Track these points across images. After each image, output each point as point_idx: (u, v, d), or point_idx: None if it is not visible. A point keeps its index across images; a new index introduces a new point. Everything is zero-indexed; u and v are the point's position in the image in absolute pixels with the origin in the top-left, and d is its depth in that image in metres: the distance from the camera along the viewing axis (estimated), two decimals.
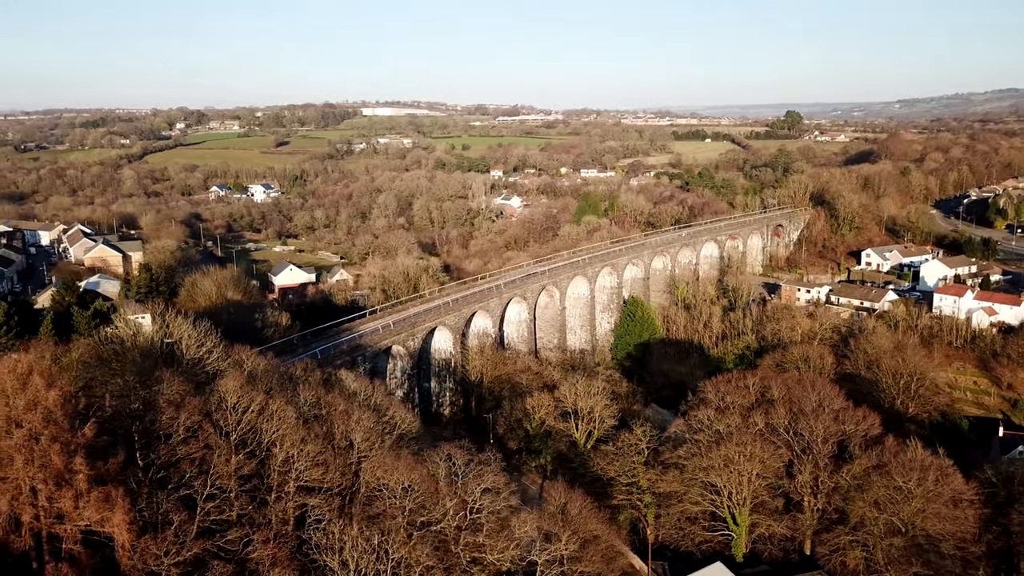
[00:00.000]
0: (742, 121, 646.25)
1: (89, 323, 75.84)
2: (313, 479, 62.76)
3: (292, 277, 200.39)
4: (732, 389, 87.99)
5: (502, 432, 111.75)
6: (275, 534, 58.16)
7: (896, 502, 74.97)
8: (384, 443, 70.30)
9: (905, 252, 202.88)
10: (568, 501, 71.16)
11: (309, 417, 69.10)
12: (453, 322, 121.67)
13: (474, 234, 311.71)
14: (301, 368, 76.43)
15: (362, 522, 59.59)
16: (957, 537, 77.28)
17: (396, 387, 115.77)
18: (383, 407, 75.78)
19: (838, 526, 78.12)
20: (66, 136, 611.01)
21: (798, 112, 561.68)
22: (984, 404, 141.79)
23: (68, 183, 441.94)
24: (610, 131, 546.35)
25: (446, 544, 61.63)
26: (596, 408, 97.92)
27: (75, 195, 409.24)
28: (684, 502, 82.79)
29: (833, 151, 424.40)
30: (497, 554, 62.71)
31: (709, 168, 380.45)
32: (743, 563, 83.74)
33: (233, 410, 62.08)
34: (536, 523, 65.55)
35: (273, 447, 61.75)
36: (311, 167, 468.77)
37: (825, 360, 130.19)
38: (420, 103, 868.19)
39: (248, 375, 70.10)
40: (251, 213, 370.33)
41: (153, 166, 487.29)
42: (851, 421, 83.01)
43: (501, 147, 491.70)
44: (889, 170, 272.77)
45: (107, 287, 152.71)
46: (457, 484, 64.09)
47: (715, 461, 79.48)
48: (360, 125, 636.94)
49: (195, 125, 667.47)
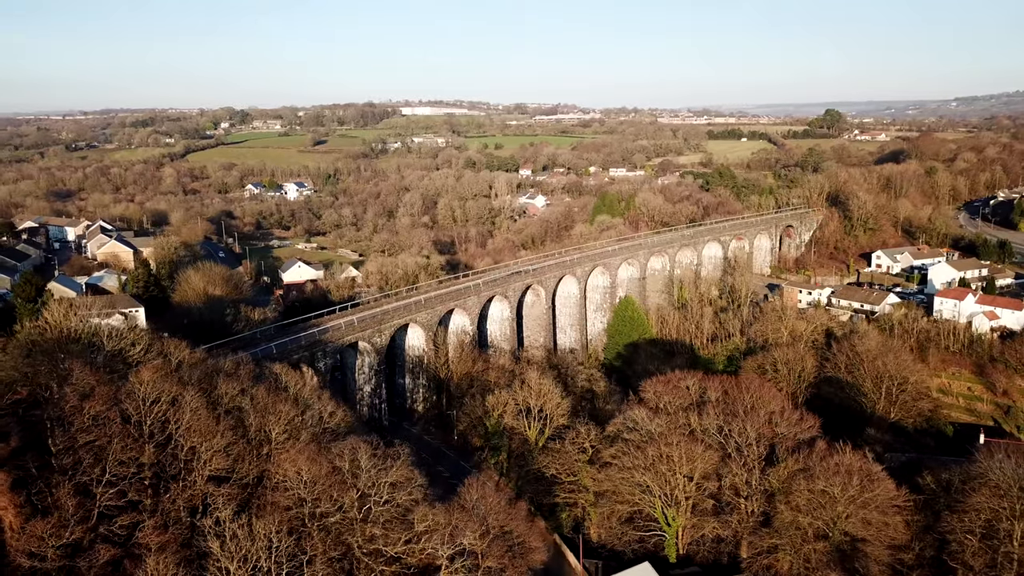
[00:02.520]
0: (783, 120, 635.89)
1: (32, 316, 79.16)
2: (218, 469, 64.86)
3: (299, 273, 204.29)
4: (670, 390, 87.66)
5: (465, 429, 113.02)
6: (171, 521, 60.36)
7: (820, 506, 74.05)
8: (301, 437, 72.13)
9: (917, 254, 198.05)
10: (482, 496, 71.87)
11: (231, 409, 71.23)
12: (425, 319, 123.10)
13: (494, 233, 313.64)
14: (231, 362, 78.50)
15: (259, 512, 61.48)
16: (888, 543, 76.09)
17: (364, 383, 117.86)
18: (309, 401, 77.37)
19: (765, 529, 77.40)
20: (115, 135, 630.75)
21: (837, 110, 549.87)
22: (975, 410, 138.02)
23: (112, 181, 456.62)
24: (644, 130, 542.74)
25: (342, 535, 63.05)
26: (547, 406, 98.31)
27: (117, 192, 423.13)
28: (618, 501, 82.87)
29: (869, 150, 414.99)
30: (394, 546, 63.99)
31: (736, 167, 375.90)
32: (676, 564, 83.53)
33: (144, 401, 64.48)
34: (440, 517, 66.48)
35: (179, 438, 63.94)
36: (344, 166, 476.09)
37: (806, 363, 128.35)
38: (463, 102, 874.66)
39: (174, 367, 72.56)
40: (280, 211, 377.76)
41: (193, 164, 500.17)
42: (786, 424, 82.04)
43: (533, 146, 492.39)
44: (914, 169, 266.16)
45: (109, 282, 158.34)
46: (360, 477, 65.29)
47: (644, 461, 79.47)
48: (397, 124, 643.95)
49: (239, 124, 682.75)
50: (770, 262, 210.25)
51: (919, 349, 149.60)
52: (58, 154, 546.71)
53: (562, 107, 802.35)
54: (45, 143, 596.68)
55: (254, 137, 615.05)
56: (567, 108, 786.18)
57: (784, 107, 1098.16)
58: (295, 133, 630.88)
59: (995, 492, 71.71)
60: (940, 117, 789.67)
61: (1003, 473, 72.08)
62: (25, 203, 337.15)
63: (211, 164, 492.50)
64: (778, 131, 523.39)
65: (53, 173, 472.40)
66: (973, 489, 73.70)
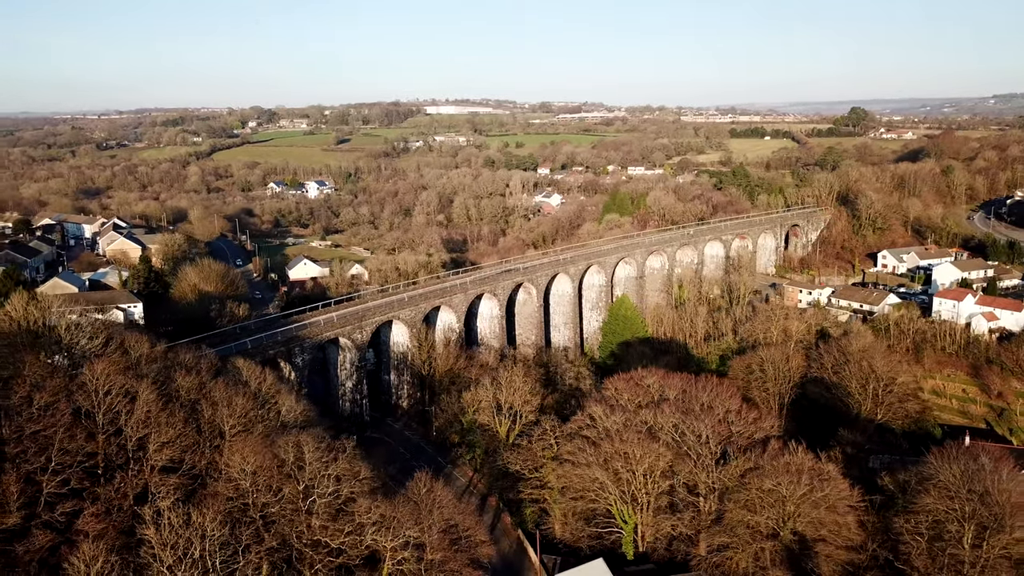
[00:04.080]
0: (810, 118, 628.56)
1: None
2: (168, 460, 66.75)
3: (305, 271, 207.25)
4: (631, 387, 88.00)
5: (442, 425, 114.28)
6: (114, 509, 62.31)
7: (768, 505, 74.02)
8: (256, 430, 73.79)
9: (924, 254, 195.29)
10: (429, 490, 72.96)
11: (186, 402, 73.11)
12: (409, 316, 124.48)
13: (507, 231, 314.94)
14: (192, 356, 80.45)
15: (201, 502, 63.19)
16: (843, 544, 75.84)
17: (346, 378, 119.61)
18: (268, 395, 79.03)
19: (715, 527, 77.53)
20: (145, 135, 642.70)
21: (863, 108, 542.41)
22: (969, 413, 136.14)
23: (139, 179, 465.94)
24: (666, 128, 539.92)
25: (282, 526, 64.56)
26: (516, 403, 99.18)
27: (144, 190, 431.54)
28: (573, 498, 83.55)
29: (893, 149, 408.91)
30: (336, 538, 65.37)
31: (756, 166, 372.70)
32: (633, 561, 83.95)
33: (96, 393, 66.53)
34: (383, 510, 67.72)
35: (128, 428, 65.88)
36: (365, 164, 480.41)
37: (791, 363, 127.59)
38: (489, 101, 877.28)
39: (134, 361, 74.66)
40: (299, 209, 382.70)
41: (218, 163, 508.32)
42: (743, 423, 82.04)
43: (553, 145, 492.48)
44: (930, 168, 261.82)
45: (112, 278, 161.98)
46: (304, 470, 66.73)
47: (598, 458, 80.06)
48: (421, 123, 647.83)
49: (266, 123, 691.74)
50: (775, 261, 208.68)
51: (914, 350, 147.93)
52: (89, 153, 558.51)
53: (588, 105, 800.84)
54: (78, 142, 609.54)
55: (279, 136, 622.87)
56: (592, 107, 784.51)
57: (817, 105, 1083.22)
58: (320, 132, 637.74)
59: (943, 493, 71.19)
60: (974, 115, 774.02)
61: (952, 474, 71.48)
62: (49, 201, 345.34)
63: (235, 163, 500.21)
64: (802, 129, 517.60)
65: (83, 171, 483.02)
66: (924, 490, 73.21)
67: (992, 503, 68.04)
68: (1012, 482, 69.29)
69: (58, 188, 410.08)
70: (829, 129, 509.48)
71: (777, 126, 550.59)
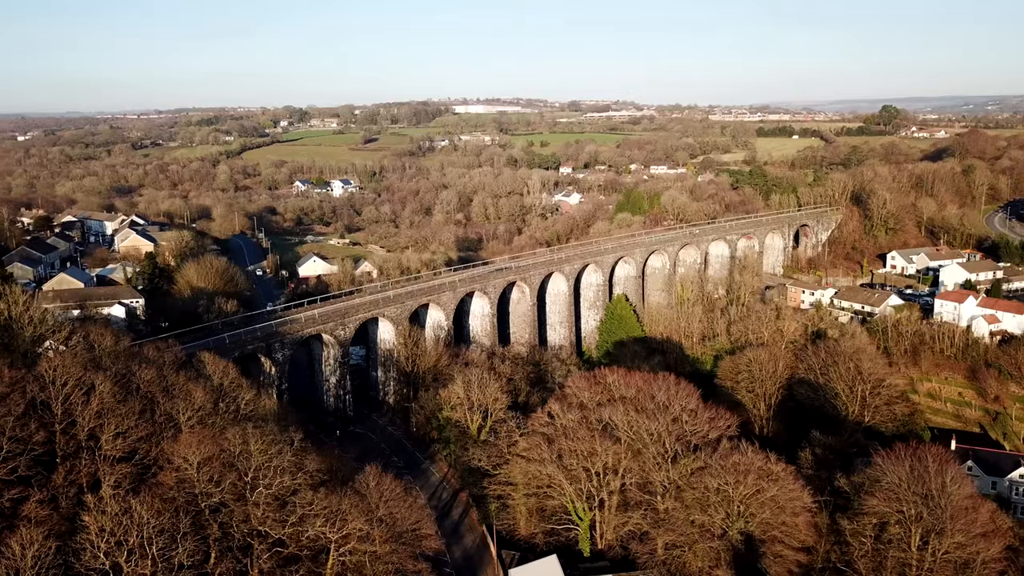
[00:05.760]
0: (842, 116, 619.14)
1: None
2: (119, 450, 68.99)
3: (314, 268, 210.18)
4: (591, 385, 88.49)
5: (421, 421, 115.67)
6: (60, 496, 64.64)
7: (714, 504, 74.14)
8: (214, 423, 75.83)
9: (934, 255, 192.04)
10: (377, 484, 74.25)
11: (145, 395, 75.37)
12: (394, 314, 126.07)
13: (522, 230, 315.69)
14: (154, 349, 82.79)
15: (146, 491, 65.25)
16: (792, 545, 75.69)
17: (330, 374, 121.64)
18: (229, 389, 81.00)
19: (666, 525, 77.77)
20: (179, 134, 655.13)
21: (895, 106, 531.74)
22: (963, 416, 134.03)
23: (169, 177, 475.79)
24: (693, 127, 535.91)
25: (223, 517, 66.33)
26: (487, 400, 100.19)
27: (174, 188, 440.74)
28: (527, 494, 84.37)
29: (922, 148, 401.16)
30: (280, 529, 66.99)
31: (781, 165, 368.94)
32: (589, 558, 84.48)
33: (52, 384, 69.04)
34: (326, 502, 69.21)
35: (80, 418, 68.25)
36: (390, 163, 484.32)
37: (777, 364, 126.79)
38: (520, 100, 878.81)
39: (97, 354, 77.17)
40: (322, 207, 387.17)
41: (247, 162, 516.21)
42: (698, 421, 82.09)
43: (577, 143, 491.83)
44: (950, 168, 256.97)
45: (119, 274, 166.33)
46: (249, 461, 68.45)
47: (551, 454, 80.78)
48: (448, 123, 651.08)
49: (297, 123, 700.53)
50: (782, 262, 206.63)
51: (912, 352, 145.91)
52: (123, 152, 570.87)
53: (618, 104, 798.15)
54: (114, 141, 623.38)
55: (309, 135, 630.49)
56: (622, 105, 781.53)
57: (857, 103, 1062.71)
58: (350, 131, 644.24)
59: (888, 495, 70.74)
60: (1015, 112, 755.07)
61: (897, 476, 70.95)
62: (80, 199, 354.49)
63: (263, 161, 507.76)
64: (831, 128, 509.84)
65: (117, 170, 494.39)
66: (871, 492, 72.80)
67: (934, 505, 67.48)
68: (956, 484, 68.52)
69: (91, 186, 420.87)
70: (859, 128, 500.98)
71: (806, 124, 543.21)
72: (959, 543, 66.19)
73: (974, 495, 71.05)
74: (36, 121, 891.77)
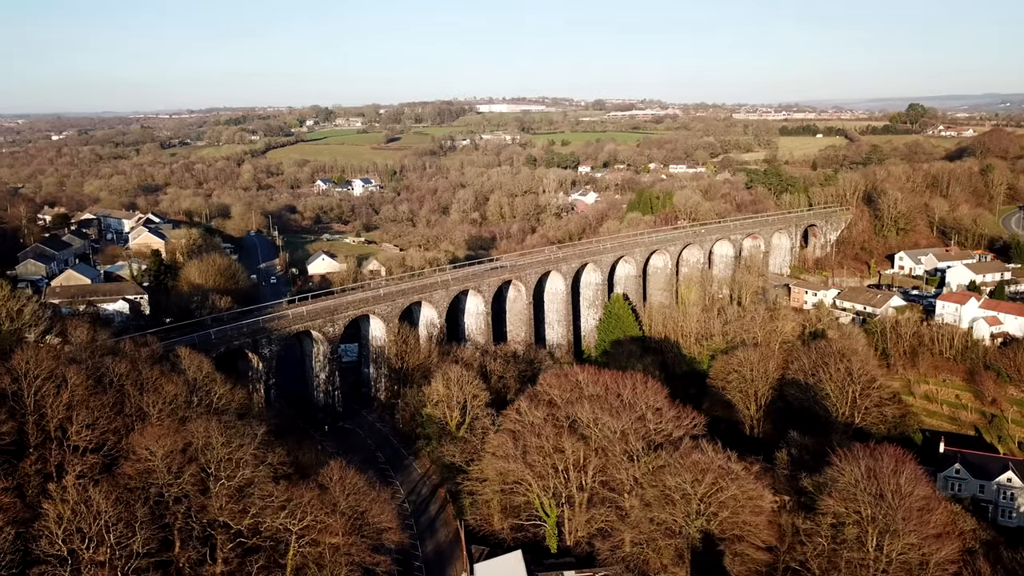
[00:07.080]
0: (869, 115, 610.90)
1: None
2: (87, 441, 71.11)
3: (322, 266, 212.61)
4: (560, 383, 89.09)
5: (407, 417, 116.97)
6: (25, 484, 66.86)
7: (672, 502, 74.41)
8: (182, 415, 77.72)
9: (943, 256, 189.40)
10: (340, 478, 75.63)
11: (117, 388, 77.49)
12: (385, 311, 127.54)
13: (536, 229, 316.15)
14: (130, 343, 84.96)
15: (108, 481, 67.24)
16: (754, 544, 75.72)
17: (320, 370, 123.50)
18: (202, 383, 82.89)
19: (628, 522, 78.23)
20: (206, 133, 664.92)
21: (921, 105, 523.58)
22: (959, 419, 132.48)
23: (195, 176, 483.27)
24: (715, 126, 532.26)
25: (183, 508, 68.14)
26: (465, 397, 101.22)
27: (199, 187, 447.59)
28: (494, 490, 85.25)
29: (946, 147, 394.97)
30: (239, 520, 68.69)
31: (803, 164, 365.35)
32: (555, 554, 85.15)
33: (24, 376, 71.36)
34: (287, 494, 70.74)
35: (49, 410, 70.46)
36: (410, 162, 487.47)
37: (767, 364, 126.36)
38: (545, 99, 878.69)
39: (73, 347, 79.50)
40: (341, 206, 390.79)
41: (271, 161, 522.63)
42: (663, 420, 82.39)
43: (597, 143, 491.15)
44: (968, 167, 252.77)
45: (126, 271, 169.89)
46: (210, 454, 70.20)
47: (516, 451, 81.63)
48: (471, 122, 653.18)
49: (322, 122, 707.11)
50: (789, 262, 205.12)
51: (911, 354, 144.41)
52: (151, 151, 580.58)
53: (643, 103, 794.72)
54: (143, 140, 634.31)
55: (333, 134, 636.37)
56: (647, 104, 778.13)
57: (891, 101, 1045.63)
58: (373, 130, 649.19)
59: (843, 495, 70.59)
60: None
61: (853, 476, 70.75)
62: (105, 197, 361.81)
63: (287, 160, 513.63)
64: (857, 127, 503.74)
65: (144, 169, 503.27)
66: (828, 492, 72.65)
67: (887, 506, 67.25)
68: (911, 485, 68.18)
69: (118, 185, 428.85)
70: (885, 127, 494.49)
71: (831, 123, 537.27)
72: (912, 544, 65.89)
73: (931, 496, 70.56)
74: (71, 120, 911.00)
